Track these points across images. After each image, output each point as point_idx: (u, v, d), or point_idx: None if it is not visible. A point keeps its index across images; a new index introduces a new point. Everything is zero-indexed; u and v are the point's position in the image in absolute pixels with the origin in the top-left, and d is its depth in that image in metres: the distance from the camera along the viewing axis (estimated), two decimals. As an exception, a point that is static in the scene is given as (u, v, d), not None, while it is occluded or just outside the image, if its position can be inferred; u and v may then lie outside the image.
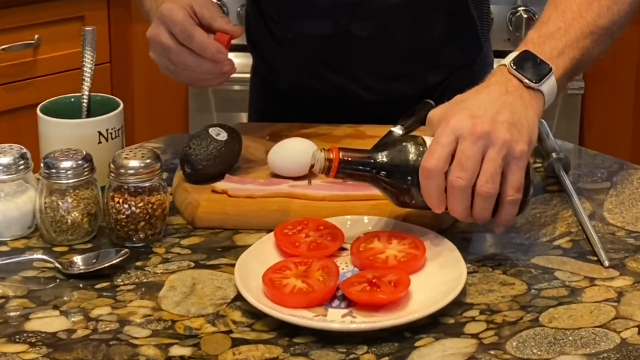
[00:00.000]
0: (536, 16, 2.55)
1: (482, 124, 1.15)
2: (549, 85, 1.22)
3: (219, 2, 2.58)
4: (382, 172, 1.18)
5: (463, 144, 1.15)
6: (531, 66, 1.22)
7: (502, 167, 1.15)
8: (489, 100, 1.19)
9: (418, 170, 1.16)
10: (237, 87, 2.64)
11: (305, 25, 1.53)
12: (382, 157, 1.18)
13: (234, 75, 2.84)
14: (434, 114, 1.21)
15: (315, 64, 1.56)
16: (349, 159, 1.18)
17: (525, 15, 2.54)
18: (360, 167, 1.18)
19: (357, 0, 1.49)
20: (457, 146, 1.15)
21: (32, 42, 2.47)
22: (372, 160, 1.19)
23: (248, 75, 2.71)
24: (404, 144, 1.19)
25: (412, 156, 1.18)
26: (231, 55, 2.77)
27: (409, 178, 1.17)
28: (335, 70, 1.56)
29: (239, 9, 2.59)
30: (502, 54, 1.73)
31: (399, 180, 1.18)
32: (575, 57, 1.25)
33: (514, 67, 1.22)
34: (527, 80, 1.21)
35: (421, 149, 1.18)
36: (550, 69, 1.22)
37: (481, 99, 1.19)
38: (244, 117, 2.65)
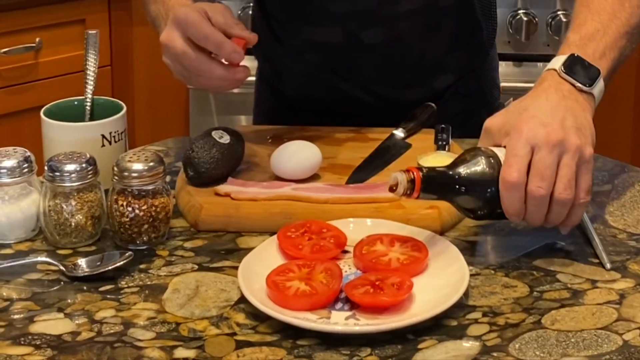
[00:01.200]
0: (536, 19, 2.56)
1: (554, 133, 1.17)
2: (599, 87, 1.24)
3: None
4: (463, 188, 1.18)
5: (539, 154, 1.16)
6: (581, 70, 1.24)
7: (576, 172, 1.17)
8: (551, 107, 1.20)
9: (495, 182, 1.17)
10: (236, 90, 2.64)
11: (314, 32, 1.54)
12: (460, 172, 1.18)
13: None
14: (493, 123, 1.22)
15: (323, 71, 1.56)
16: (430, 177, 1.17)
17: (525, 19, 2.55)
18: (440, 185, 1.18)
19: (368, 7, 1.49)
20: (534, 156, 1.16)
21: (34, 45, 2.47)
22: (452, 176, 1.18)
23: (249, 78, 2.71)
24: (478, 158, 1.19)
25: (487, 169, 1.18)
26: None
27: (489, 191, 1.18)
28: (343, 77, 1.56)
29: (239, 12, 2.59)
30: (503, 57, 1.74)
31: (479, 193, 1.18)
32: (615, 57, 1.28)
33: (565, 72, 1.23)
34: (579, 84, 1.23)
35: (492, 161, 1.18)
36: (599, 72, 1.24)
37: (543, 106, 1.20)
38: (244, 119, 2.66)
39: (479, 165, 1.18)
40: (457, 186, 1.18)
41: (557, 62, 1.25)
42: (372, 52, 1.53)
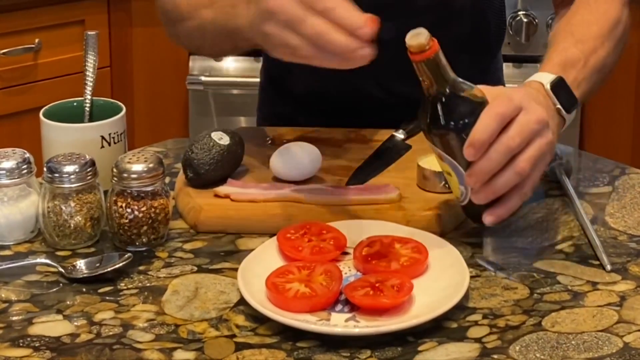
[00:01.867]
0: (536, 20, 2.56)
1: (545, 115, 1.18)
2: (572, 116, 1.26)
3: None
4: (448, 94, 1.17)
5: (527, 117, 1.16)
6: (565, 95, 1.25)
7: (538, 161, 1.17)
8: (539, 100, 1.22)
9: (477, 111, 1.16)
10: (235, 92, 2.64)
11: None
12: (458, 85, 1.18)
13: (234, 79, 2.84)
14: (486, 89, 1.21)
15: None
16: (441, 61, 1.17)
17: (525, 20, 2.55)
18: (441, 74, 1.18)
19: (385, 1, 1.48)
20: (520, 115, 1.16)
21: (33, 46, 2.47)
22: (451, 80, 1.18)
23: (248, 80, 2.71)
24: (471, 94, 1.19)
25: (476, 104, 1.17)
26: (230, 60, 2.77)
27: (468, 118, 1.16)
28: (355, 70, 1.55)
29: None
30: (503, 58, 1.74)
31: (461, 110, 1.17)
32: (586, 91, 1.30)
33: (551, 90, 1.25)
34: (559, 107, 1.24)
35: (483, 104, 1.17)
36: (577, 102, 1.26)
37: (536, 97, 1.22)
38: (243, 121, 2.66)
39: (471, 97, 1.18)
40: (448, 89, 1.17)
41: (544, 77, 1.25)
42: (385, 47, 1.53)
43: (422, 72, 1.18)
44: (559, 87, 1.25)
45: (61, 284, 1.17)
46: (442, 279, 1.15)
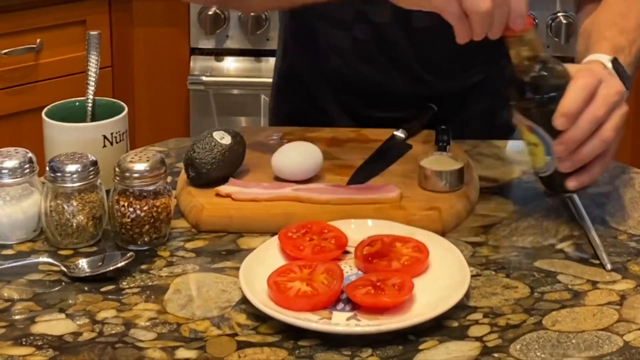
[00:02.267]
0: (536, 21, 2.55)
1: (622, 86, 1.25)
2: (627, 94, 1.28)
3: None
4: (539, 68, 1.24)
5: (607, 89, 1.23)
6: (623, 73, 1.29)
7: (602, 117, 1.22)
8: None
9: (564, 84, 1.22)
10: (236, 92, 2.65)
11: (366, 9, 1.52)
12: (547, 60, 1.25)
13: (234, 79, 2.83)
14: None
15: (369, 48, 1.55)
16: (534, 36, 1.24)
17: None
18: (534, 48, 1.24)
19: None
20: (599, 88, 1.23)
21: (34, 46, 2.47)
22: (542, 55, 1.24)
23: (249, 80, 2.71)
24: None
25: (563, 78, 1.24)
26: (230, 60, 2.78)
27: (557, 91, 1.23)
28: (389, 56, 1.56)
29: (240, 14, 2.59)
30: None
31: (551, 82, 1.24)
32: (629, 77, 1.32)
33: (614, 70, 1.28)
34: (624, 88, 1.27)
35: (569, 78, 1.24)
36: (631, 81, 1.30)
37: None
38: (244, 121, 2.66)
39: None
40: (537, 60, 1.24)
41: (603, 58, 1.30)
42: (419, 35, 1.53)
43: (516, 46, 1.24)
44: (617, 65, 1.29)
45: (63, 283, 1.17)
46: (442, 278, 1.15)
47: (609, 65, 1.28)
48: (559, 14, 2.55)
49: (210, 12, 2.58)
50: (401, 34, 1.53)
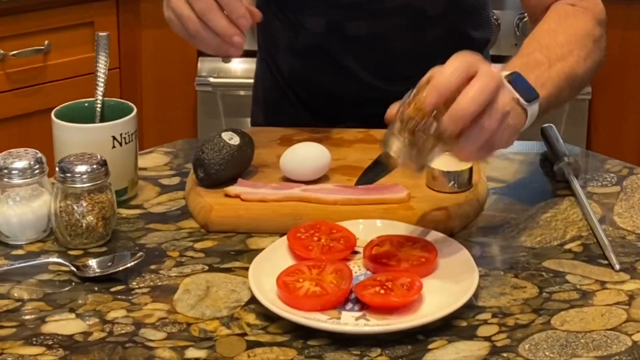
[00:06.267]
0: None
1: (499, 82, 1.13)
2: (534, 108, 1.20)
3: None
4: None
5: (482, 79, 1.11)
6: (523, 86, 1.19)
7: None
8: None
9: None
10: (243, 93, 2.65)
11: (304, 19, 1.57)
12: None
13: (242, 80, 2.84)
14: None
15: (319, 53, 1.59)
16: None
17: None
18: None
19: (352, 1, 1.51)
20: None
21: (42, 47, 2.48)
22: None
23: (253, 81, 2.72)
24: None
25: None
26: (237, 61, 2.78)
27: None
28: (334, 64, 1.58)
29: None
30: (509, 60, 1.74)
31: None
32: (553, 93, 1.26)
33: (510, 82, 1.18)
34: (518, 96, 1.18)
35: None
36: (538, 95, 1.20)
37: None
38: (251, 122, 2.66)
39: None
40: None
41: (502, 72, 1.20)
42: (357, 44, 1.55)
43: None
44: (516, 80, 1.19)
45: (73, 283, 1.18)
46: (451, 278, 1.16)
47: (503, 78, 1.16)
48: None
49: (217, 14, 2.58)
50: (338, 42, 1.56)
